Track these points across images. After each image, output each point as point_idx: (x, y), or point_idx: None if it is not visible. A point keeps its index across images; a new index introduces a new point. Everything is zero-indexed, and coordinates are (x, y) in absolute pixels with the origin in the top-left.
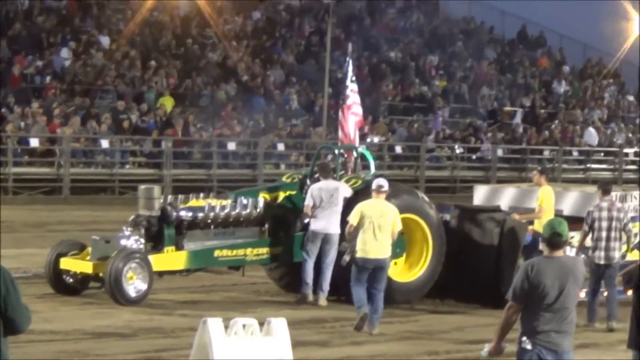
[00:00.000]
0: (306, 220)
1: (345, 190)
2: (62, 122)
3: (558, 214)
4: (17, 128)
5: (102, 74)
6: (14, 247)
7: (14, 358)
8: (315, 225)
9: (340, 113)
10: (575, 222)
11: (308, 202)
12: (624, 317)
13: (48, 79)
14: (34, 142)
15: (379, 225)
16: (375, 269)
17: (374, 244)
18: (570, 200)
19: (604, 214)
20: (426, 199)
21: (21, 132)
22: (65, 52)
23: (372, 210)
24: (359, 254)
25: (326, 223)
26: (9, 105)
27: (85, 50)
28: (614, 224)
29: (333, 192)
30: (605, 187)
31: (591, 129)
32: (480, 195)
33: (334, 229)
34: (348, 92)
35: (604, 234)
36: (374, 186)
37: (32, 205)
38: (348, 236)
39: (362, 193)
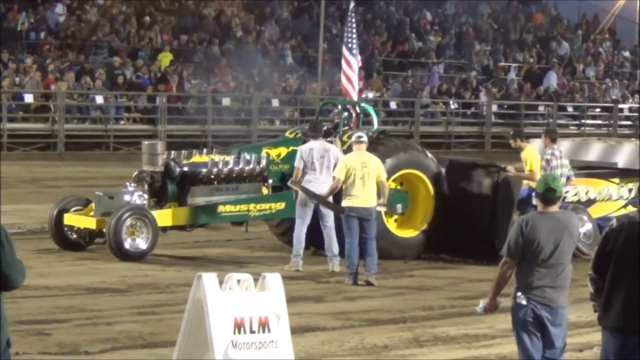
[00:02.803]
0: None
1: (336, 151)
2: (57, 77)
3: (612, 167)
4: (12, 84)
5: (96, 30)
6: (8, 202)
7: (8, 313)
8: (308, 187)
9: (345, 65)
10: (630, 175)
11: (298, 164)
12: None
13: (42, 34)
14: (29, 98)
15: (362, 176)
16: (362, 218)
17: (358, 193)
18: (625, 154)
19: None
20: (428, 154)
21: (15, 88)
22: (59, 8)
23: (355, 162)
24: (345, 203)
25: (320, 185)
26: (3, 60)
27: (79, 6)
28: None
29: (324, 154)
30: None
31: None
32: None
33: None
34: (352, 47)
35: None
36: (353, 138)
37: (26, 161)
38: (332, 189)
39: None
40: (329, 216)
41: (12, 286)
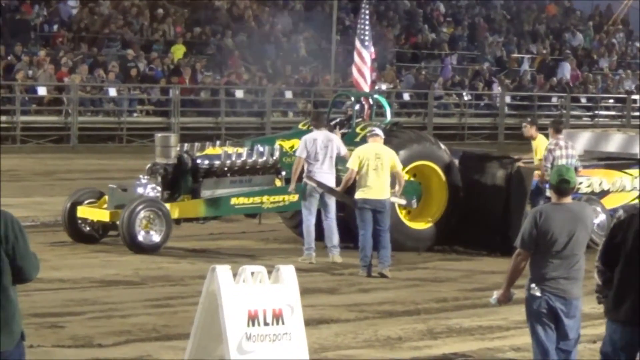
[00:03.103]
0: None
1: (339, 142)
2: (70, 70)
3: (632, 158)
4: (25, 76)
5: (109, 23)
6: (22, 195)
7: (22, 306)
8: (312, 178)
9: (357, 57)
10: None
11: (301, 153)
12: None
13: (55, 27)
14: (42, 91)
15: (376, 167)
16: (376, 210)
17: (372, 185)
18: None
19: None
20: (442, 145)
21: (29, 81)
22: (72, 1)
23: (368, 153)
24: (358, 195)
25: (323, 175)
26: (17, 53)
27: None
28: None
29: (327, 143)
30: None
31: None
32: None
33: (332, 181)
34: (365, 39)
35: None
36: (368, 133)
37: (40, 154)
38: (347, 180)
39: None
40: (331, 207)
41: (26, 279)
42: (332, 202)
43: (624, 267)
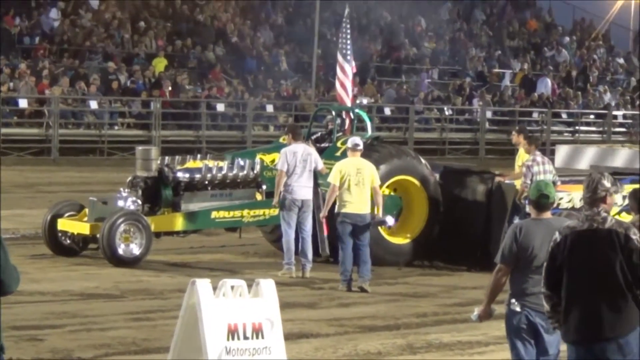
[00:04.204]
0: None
1: (316, 155)
2: (51, 82)
3: (637, 173)
4: (7, 89)
5: (91, 35)
6: (2, 208)
7: (1, 319)
8: (291, 192)
9: (339, 71)
10: None
11: (282, 166)
12: None
13: (37, 39)
14: (23, 103)
15: (357, 182)
16: (356, 224)
17: (352, 200)
18: None
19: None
20: (422, 160)
21: (10, 93)
22: (54, 13)
23: (349, 168)
24: (339, 209)
25: (302, 189)
26: None
27: (74, 11)
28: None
29: (307, 157)
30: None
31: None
32: (562, 154)
33: (310, 195)
34: (347, 53)
35: None
36: (349, 144)
37: (20, 166)
38: (330, 197)
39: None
40: (308, 221)
41: (6, 292)
42: (310, 217)
43: (567, 287)
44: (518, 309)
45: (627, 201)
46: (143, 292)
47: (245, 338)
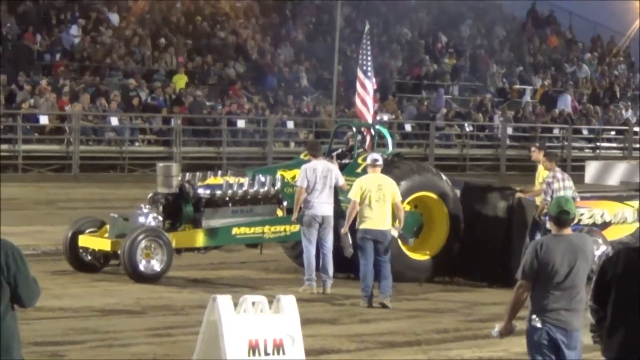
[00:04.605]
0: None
1: (337, 171)
2: (71, 99)
3: None
4: (28, 105)
5: (111, 52)
6: (23, 224)
7: (22, 335)
8: (312, 208)
9: (360, 88)
10: None
11: (302, 183)
12: None
13: (57, 56)
14: (44, 120)
15: (378, 198)
16: (377, 240)
17: (373, 216)
18: None
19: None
20: (443, 176)
21: (31, 109)
22: (74, 30)
23: (370, 184)
24: (360, 225)
25: (322, 205)
26: (19, 82)
27: (94, 28)
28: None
29: (327, 173)
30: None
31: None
32: (591, 170)
33: (331, 211)
34: (367, 70)
35: None
36: (368, 161)
37: (41, 183)
38: (351, 213)
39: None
40: (328, 237)
41: (27, 305)
42: (331, 233)
43: (614, 304)
44: (539, 325)
45: None
46: (164, 308)
47: (267, 354)
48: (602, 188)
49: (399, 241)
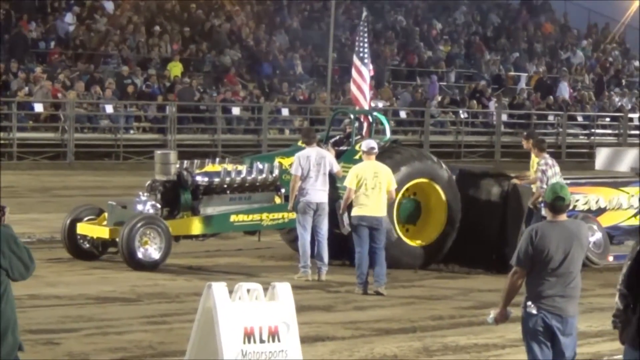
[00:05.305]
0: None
1: (331, 158)
2: (66, 87)
3: None
4: (22, 93)
5: (106, 40)
6: (18, 212)
7: (18, 322)
8: (306, 195)
9: (356, 74)
10: None
11: (296, 171)
12: None
13: (52, 44)
14: (38, 108)
15: (374, 186)
16: (372, 227)
17: (369, 203)
18: None
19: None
20: (443, 164)
21: (25, 97)
22: (69, 18)
23: (366, 172)
24: (355, 212)
25: (317, 192)
26: (13, 70)
27: (89, 16)
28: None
29: (320, 160)
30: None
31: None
32: (602, 157)
33: (325, 198)
34: (364, 57)
35: None
36: (364, 148)
37: (36, 171)
38: (346, 201)
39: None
40: (323, 224)
41: (24, 278)
42: (326, 220)
43: None
44: (534, 311)
45: None
46: (159, 295)
47: (262, 341)
48: (606, 174)
49: (396, 224)
